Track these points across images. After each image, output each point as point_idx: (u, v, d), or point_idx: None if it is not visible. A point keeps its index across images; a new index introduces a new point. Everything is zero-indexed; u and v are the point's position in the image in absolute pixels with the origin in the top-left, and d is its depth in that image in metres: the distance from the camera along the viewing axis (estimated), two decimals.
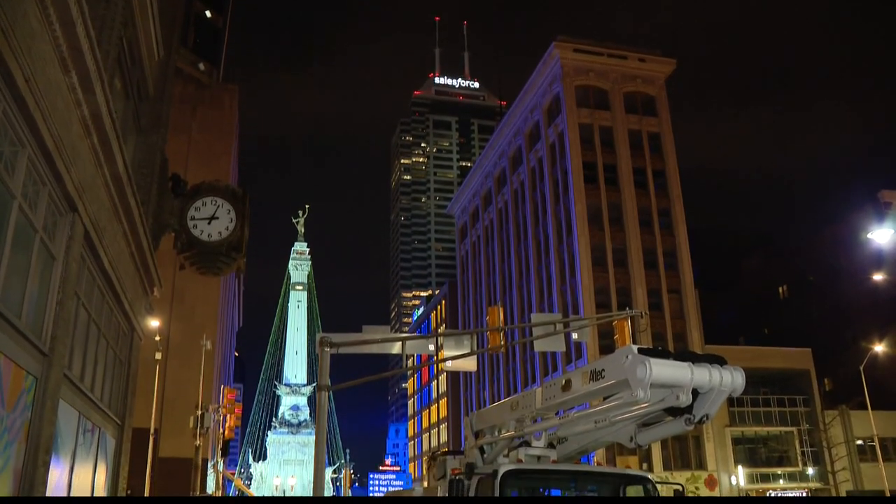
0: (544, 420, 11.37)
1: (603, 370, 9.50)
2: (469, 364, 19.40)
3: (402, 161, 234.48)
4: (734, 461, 54.35)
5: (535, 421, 11.41)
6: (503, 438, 11.94)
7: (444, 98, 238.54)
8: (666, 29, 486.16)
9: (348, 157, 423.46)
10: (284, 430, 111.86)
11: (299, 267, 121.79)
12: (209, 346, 38.21)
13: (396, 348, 17.18)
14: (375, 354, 17.27)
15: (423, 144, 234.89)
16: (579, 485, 11.89)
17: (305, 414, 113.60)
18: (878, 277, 49.73)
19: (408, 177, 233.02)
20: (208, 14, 53.20)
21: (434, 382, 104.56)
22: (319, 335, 15.40)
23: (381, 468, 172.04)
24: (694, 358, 9.24)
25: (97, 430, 11.60)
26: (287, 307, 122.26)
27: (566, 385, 10.35)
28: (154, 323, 25.31)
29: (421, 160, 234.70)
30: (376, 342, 16.57)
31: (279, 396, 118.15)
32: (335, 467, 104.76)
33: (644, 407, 9.62)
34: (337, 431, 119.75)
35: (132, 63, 12.67)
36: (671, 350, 9.74)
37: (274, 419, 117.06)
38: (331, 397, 17.26)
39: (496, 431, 12.42)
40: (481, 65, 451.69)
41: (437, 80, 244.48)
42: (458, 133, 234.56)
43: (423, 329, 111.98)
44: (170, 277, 20.12)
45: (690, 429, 9.97)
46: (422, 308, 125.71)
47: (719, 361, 9.34)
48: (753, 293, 71.54)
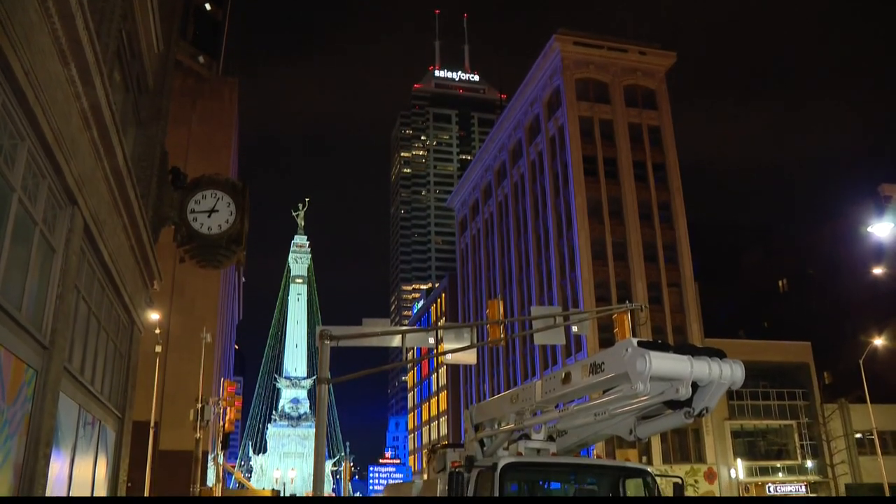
0: (544, 413, 11.38)
1: (603, 363, 9.51)
2: (469, 357, 19.41)
3: (402, 154, 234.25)
4: (733, 454, 54.46)
5: (535, 414, 11.42)
6: (503, 431, 11.96)
7: (445, 91, 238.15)
8: (666, 26, 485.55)
9: (348, 151, 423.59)
10: (284, 423, 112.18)
11: (299, 260, 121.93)
12: (209, 339, 38.27)
13: (396, 341, 17.20)
14: (375, 347, 17.30)
15: (423, 137, 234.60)
16: (579, 478, 11.93)
17: (305, 407, 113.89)
18: (878, 271, 49.73)
19: (408, 170, 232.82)
20: (208, 7, 53.13)
21: (434, 375, 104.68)
22: (319, 328, 15.42)
23: (381, 461, 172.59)
24: (694, 351, 9.25)
25: (97, 423, 11.61)
26: (287, 300, 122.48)
27: (566, 378, 10.36)
28: (154, 316, 25.31)
29: (421, 153, 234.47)
30: (376, 335, 16.58)
31: (279, 389, 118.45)
32: (335, 460, 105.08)
33: (644, 400, 9.63)
34: (337, 424, 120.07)
35: (132, 56, 12.64)
36: (671, 343, 9.75)
37: (274, 412, 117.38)
38: (331, 390, 17.28)
39: (496, 424, 12.44)
40: (481, 58, 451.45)
41: (438, 74, 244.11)
42: (459, 126, 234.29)
43: (423, 322, 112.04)
44: (170, 270, 20.14)
45: (690, 422, 9.99)
46: (422, 301, 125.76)
47: (719, 355, 9.36)
48: (753, 287, 71.53)
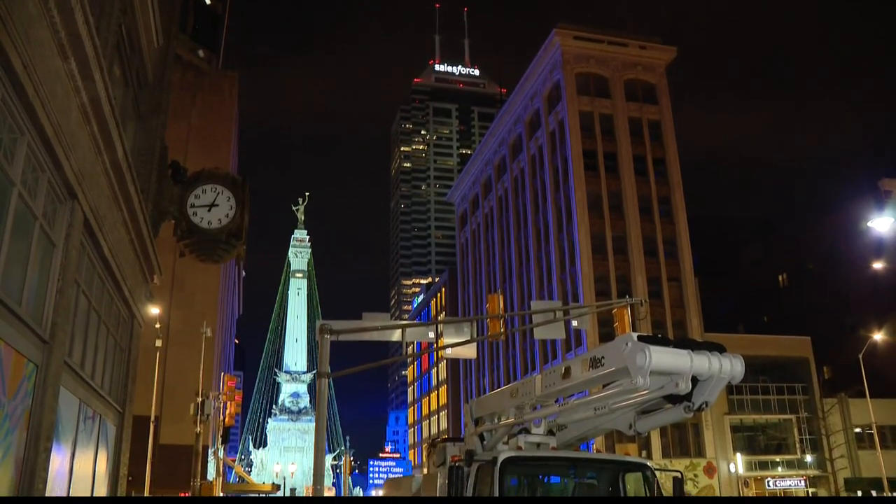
0: (544, 407, 11.36)
1: (603, 358, 9.50)
2: (469, 351, 19.43)
3: (402, 149, 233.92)
4: (733, 449, 54.55)
5: (535, 408, 11.41)
6: (503, 426, 11.95)
7: (445, 85, 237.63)
8: (667, 21, 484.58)
9: (348, 145, 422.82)
10: (284, 418, 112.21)
11: (299, 254, 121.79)
12: (209, 334, 38.27)
13: (396, 336, 17.21)
14: (375, 342, 17.32)
15: (423, 132, 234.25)
16: (578, 472, 11.93)
17: (305, 401, 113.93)
18: (878, 266, 49.75)
19: (408, 164, 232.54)
20: (207, 1, 53.04)
21: (434, 370, 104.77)
22: (319, 322, 15.42)
23: (381, 455, 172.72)
24: (693, 345, 9.24)
25: (98, 418, 11.63)
26: (287, 295, 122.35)
27: (566, 372, 10.35)
28: (154, 310, 25.34)
29: (421, 148, 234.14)
30: (376, 329, 16.60)
31: (279, 384, 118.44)
32: (335, 454, 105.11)
33: (643, 394, 9.62)
34: (337, 419, 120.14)
35: (131, 50, 12.61)
36: (671, 338, 9.75)
37: (274, 406, 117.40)
38: (331, 384, 17.30)
39: (496, 419, 12.43)
40: (482, 52, 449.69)
41: (438, 68, 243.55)
42: (459, 121, 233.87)
43: (423, 316, 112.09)
44: (170, 265, 20.11)
45: (690, 416, 9.99)
46: (422, 295, 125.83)
47: (719, 349, 9.35)
48: (753, 282, 71.60)
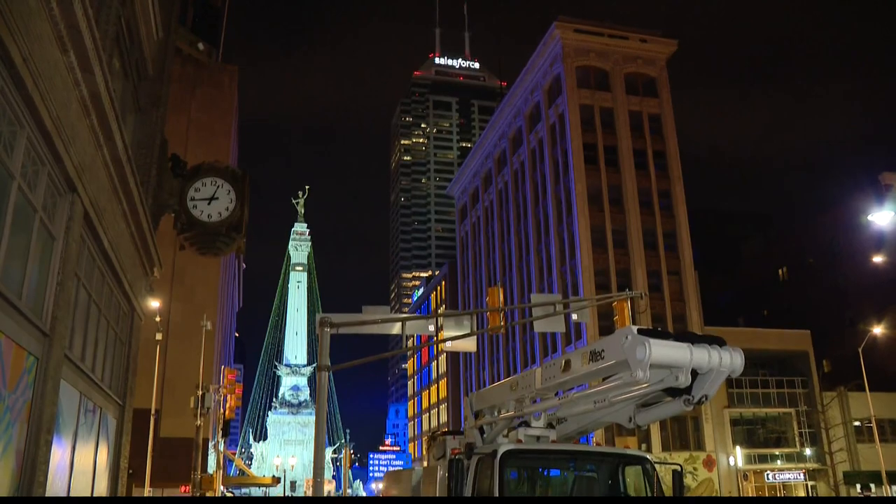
0: (544, 400, 11.37)
1: (603, 351, 9.50)
2: (469, 345, 19.42)
3: (402, 142, 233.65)
4: (732, 442, 54.63)
5: (535, 401, 11.41)
6: (503, 419, 11.97)
7: (445, 78, 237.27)
8: (667, 14, 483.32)
9: (348, 138, 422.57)
10: (285, 411, 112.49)
11: (299, 248, 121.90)
12: (209, 327, 38.29)
13: (396, 329, 17.19)
14: (375, 335, 17.28)
15: (423, 125, 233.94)
16: (578, 465, 11.95)
17: (305, 394, 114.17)
18: (878, 260, 49.74)
19: (408, 157, 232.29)
20: None
21: (434, 363, 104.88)
22: (319, 316, 15.40)
23: (381, 448, 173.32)
24: (693, 339, 9.25)
25: (98, 410, 11.64)
26: (287, 288, 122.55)
27: (566, 366, 10.35)
28: (154, 303, 25.32)
29: (421, 141, 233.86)
30: (376, 322, 16.57)
31: (279, 377, 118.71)
32: (335, 447, 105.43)
33: (643, 387, 9.64)
34: (337, 412, 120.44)
35: (131, 42, 12.58)
36: (671, 331, 9.74)
37: (274, 399, 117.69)
38: (331, 378, 17.31)
39: (496, 412, 12.44)
40: (482, 45, 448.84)
41: (438, 61, 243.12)
42: (459, 114, 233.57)
43: (423, 310, 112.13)
44: (170, 258, 20.13)
45: (689, 409, 10.00)
46: (422, 289, 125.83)
47: (718, 342, 9.35)
48: (753, 275, 71.63)
